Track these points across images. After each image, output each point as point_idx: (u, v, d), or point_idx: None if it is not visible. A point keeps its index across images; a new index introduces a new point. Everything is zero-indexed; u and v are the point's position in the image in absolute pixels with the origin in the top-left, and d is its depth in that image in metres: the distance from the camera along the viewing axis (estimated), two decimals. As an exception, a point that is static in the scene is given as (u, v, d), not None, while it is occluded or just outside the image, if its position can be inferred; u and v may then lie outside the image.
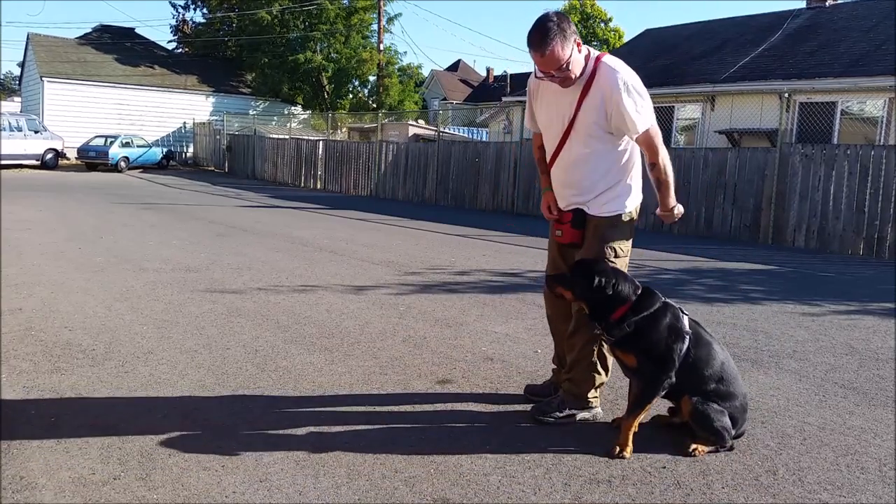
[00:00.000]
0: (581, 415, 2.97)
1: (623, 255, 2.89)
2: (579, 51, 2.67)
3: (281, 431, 2.76)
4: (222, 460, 2.49)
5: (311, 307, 4.93)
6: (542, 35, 2.59)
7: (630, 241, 2.93)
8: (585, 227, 2.90)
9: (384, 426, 2.85)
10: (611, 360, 2.95)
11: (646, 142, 2.76)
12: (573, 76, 2.68)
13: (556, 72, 2.65)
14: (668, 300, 2.73)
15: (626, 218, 2.87)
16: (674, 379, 2.63)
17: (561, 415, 2.94)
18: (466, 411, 3.05)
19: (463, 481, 2.40)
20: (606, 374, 3.00)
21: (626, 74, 2.69)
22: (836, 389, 3.49)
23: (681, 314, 2.71)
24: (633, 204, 2.90)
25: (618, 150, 2.82)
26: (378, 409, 3.05)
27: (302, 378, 3.41)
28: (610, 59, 2.74)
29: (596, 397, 3.01)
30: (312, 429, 2.80)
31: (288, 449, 2.60)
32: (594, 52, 2.77)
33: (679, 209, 2.92)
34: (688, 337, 2.65)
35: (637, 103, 2.67)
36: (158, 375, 3.37)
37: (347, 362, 3.69)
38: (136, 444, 2.59)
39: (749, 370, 3.77)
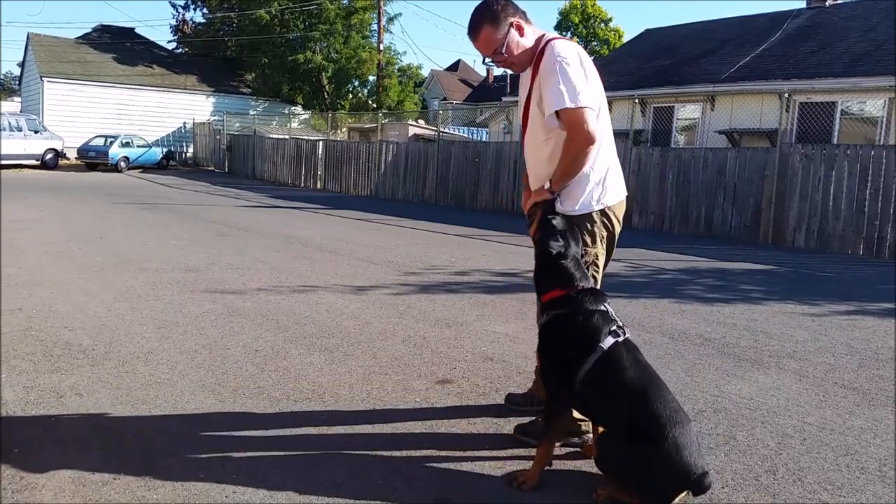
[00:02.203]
0: (567, 440, 2.67)
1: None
2: (521, 34, 2.57)
3: (281, 431, 2.76)
4: (222, 460, 2.49)
5: (311, 307, 4.93)
6: (473, 20, 2.59)
7: (590, 246, 2.60)
8: None
9: (384, 426, 2.85)
10: None
11: (569, 122, 2.43)
12: (514, 60, 2.60)
13: (493, 55, 2.60)
14: (603, 309, 2.35)
15: (576, 220, 2.56)
16: (570, 398, 2.35)
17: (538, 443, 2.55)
18: (466, 411, 3.05)
19: (463, 481, 2.40)
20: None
21: (565, 53, 2.48)
22: (836, 389, 3.49)
23: (602, 328, 2.30)
24: (578, 205, 2.57)
25: (562, 141, 2.52)
26: (378, 408, 3.06)
27: (302, 378, 3.41)
28: (558, 42, 2.55)
29: (585, 421, 2.62)
30: (312, 429, 2.80)
31: (288, 449, 2.61)
32: (549, 35, 2.63)
33: (540, 194, 2.57)
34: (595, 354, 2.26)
35: (563, 80, 2.42)
36: (158, 375, 3.37)
37: (347, 362, 3.69)
38: (136, 444, 2.59)
39: (749, 370, 3.77)
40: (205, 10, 34.82)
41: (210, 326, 4.30)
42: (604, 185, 2.61)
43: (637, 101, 12.29)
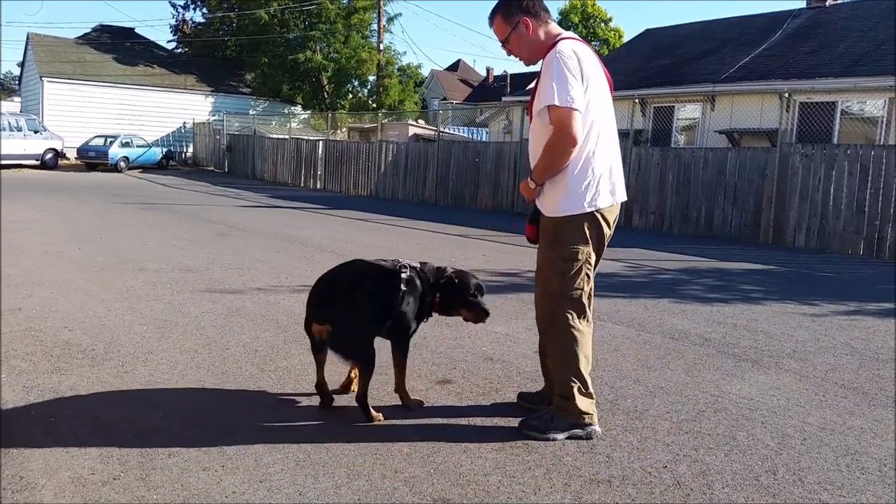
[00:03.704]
0: (571, 433, 2.72)
1: (571, 258, 2.66)
2: (528, 31, 2.72)
3: (281, 432, 2.76)
4: (222, 460, 2.49)
5: (311, 307, 4.92)
6: (492, 9, 2.82)
7: (581, 245, 2.66)
8: (539, 222, 2.81)
9: (384, 426, 2.85)
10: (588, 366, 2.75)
11: (554, 120, 2.54)
12: (516, 51, 2.79)
13: (502, 43, 2.81)
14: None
15: (565, 220, 2.66)
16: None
17: (546, 435, 2.71)
18: (466, 411, 3.05)
19: (463, 481, 2.40)
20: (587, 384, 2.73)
21: (567, 52, 2.57)
22: (836, 389, 3.49)
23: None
24: (570, 207, 2.64)
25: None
26: (378, 409, 3.05)
27: (302, 378, 3.41)
28: (564, 42, 2.64)
29: (590, 414, 2.73)
30: (312, 429, 2.80)
31: (288, 449, 2.60)
32: (564, 35, 2.72)
33: (526, 188, 2.72)
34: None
35: (556, 78, 2.52)
36: (158, 375, 3.37)
37: (347, 362, 3.67)
38: (136, 444, 2.59)
39: (749, 370, 3.77)
40: (204, 10, 34.81)
41: (210, 326, 4.30)
42: (598, 187, 2.66)
43: (637, 101, 12.29)
